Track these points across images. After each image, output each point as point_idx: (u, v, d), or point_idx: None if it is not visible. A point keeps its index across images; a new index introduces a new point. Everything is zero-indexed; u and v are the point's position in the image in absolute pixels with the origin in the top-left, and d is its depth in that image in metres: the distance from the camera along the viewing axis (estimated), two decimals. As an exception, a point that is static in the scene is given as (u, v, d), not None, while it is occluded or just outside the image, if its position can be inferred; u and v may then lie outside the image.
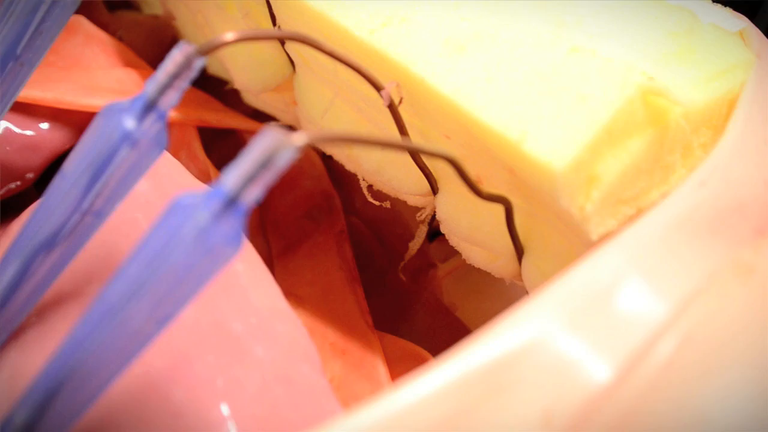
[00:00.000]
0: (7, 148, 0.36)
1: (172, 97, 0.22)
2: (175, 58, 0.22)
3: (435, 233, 0.38)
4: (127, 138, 0.22)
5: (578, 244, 0.26)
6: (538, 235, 0.28)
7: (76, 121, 0.37)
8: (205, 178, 0.37)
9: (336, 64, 0.30)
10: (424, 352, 0.31)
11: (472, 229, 0.30)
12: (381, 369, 0.30)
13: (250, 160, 0.18)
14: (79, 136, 0.37)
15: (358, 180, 0.38)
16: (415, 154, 0.29)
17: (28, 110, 0.36)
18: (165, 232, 0.19)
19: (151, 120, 0.22)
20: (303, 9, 0.29)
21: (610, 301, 0.20)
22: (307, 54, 0.32)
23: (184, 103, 0.38)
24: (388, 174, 0.32)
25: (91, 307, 0.20)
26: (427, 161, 0.29)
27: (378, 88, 0.26)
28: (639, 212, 0.26)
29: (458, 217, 0.30)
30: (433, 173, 0.30)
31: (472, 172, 0.28)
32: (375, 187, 0.33)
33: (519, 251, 0.29)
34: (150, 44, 0.42)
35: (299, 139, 0.19)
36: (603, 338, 0.19)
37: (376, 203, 0.33)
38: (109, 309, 0.19)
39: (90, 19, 0.41)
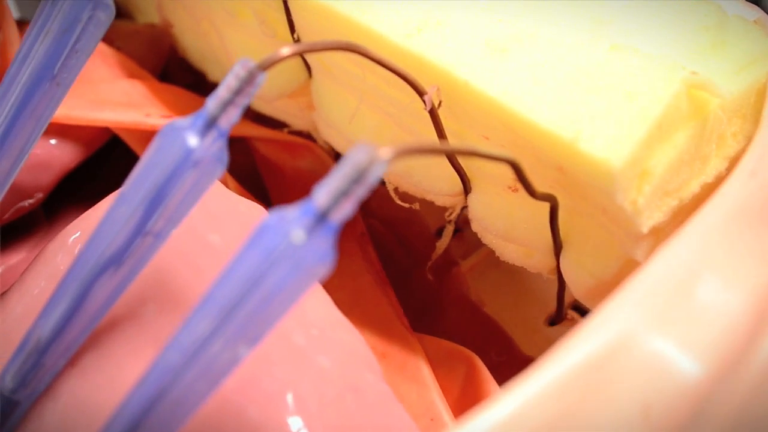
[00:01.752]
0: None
1: (233, 114, 0.22)
2: (237, 73, 0.22)
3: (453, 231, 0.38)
4: (191, 157, 0.22)
5: (622, 237, 0.27)
6: (579, 230, 0.28)
7: (84, 137, 0.37)
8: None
9: (365, 71, 0.30)
10: (467, 351, 0.31)
11: (508, 227, 0.30)
12: (425, 370, 0.30)
13: (341, 175, 0.18)
14: (88, 152, 0.37)
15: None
16: (452, 157, 0.29)
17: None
18: (258, 251, 0.18)
19: (211, 138, 0.22)
20: (330, 14, 0.29)
21: (689, 296, 0.20)
22: (328, 60, 0.32)
23: (187, 111, 0.38)
24: (418, 176, 0.32)
25: (179, 332, 0.19)
26: (462, 162, 0.30)
27: (421, 93, 0.26)
28: (680, 203, 0.26)
29: (494, 215, 0.30)
30: (467, 173, 0.30)
31: (508, 172, 0.29)
32: (401, 189, 0.33)
33: (558, 246, 0.29)
34: (149, 53, 0.41)
35: (387, 153, 0.19)
36: (689, 332, 0.19)
37: (405, 205, 0.33)
38: (199, 333, 0.19)
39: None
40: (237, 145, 0.40)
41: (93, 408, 0.24)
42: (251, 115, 0.40)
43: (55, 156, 0.36)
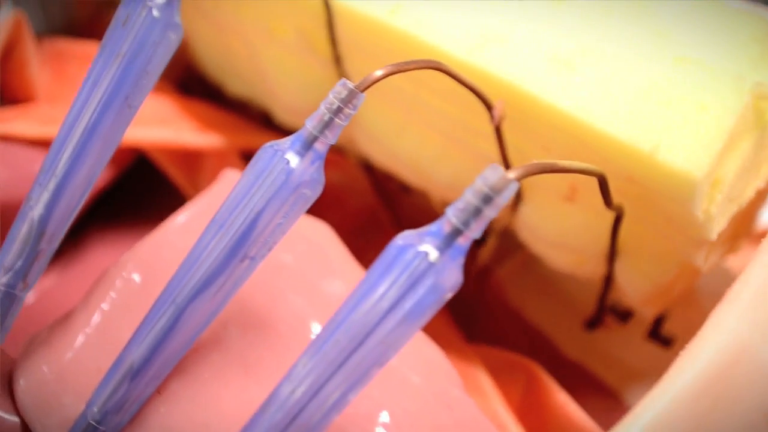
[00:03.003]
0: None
1: (332, 135, 0.22)
2: (338, 93, 0.22)
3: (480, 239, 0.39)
4: (291, 179, 0.22)
5: (683, 244, 0.27)
6: (637, 237, 0.29)
7: (113, 157, 0.36)
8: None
9: (418, 86, 0.30)
10: (526, 360, 0.31)
11: (562, 235, 0.30)
12: (485, 380, 0.30)
13: (474, 197, 0.19)
14: (117, 172, 0.36)
15: (401, 193, 0.39)
16: (508, 166, 0.29)
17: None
18: (394, 272, 0.19)
19: (309, 159, 0.22)
20: (386, 30, 0.29)
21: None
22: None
23: (224, 129, 0.37)
24: (465, 188, 0.32)
25: (311, 356, 0.19)
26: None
27: (489, 107, 0.27)
28: (739, 208, 0.27)
29: (547, 224, 0.31)
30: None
31: (565, 183, 0.29)
32: (448, 201, 0.33)
33: (613, 254, 0.30)
34: (168, 68, 0.40)
35: (517, 173, 0.19)
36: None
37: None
38: (333, 357, 0.19)
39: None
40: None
41: (183, 436, 0.24)
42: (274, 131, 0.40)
43: (86, 176, 0.35)
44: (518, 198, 0.31)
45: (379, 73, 0.23)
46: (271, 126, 0.40)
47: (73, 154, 0.25)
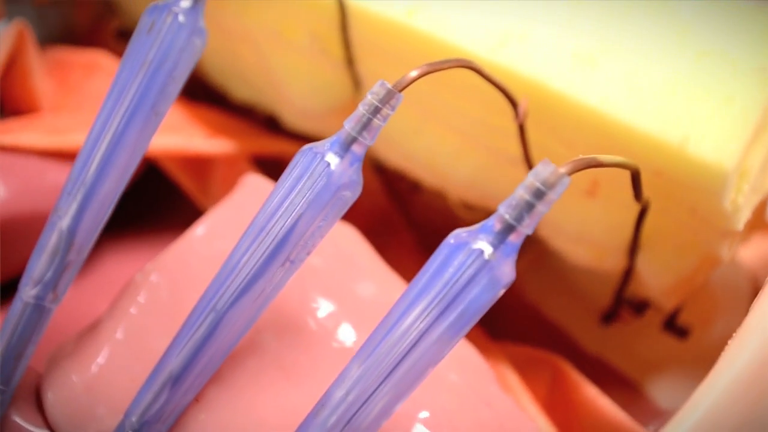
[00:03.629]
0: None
1: (369, 136, 0.22)
2: (377, 93, 0.22)
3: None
4: (333, 181, 0.22)
5: (707, 235, 0.28)
6: (658, 230, 0.29)
7: (123, 164, 0.35)
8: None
9: (436, 86, 0.30)
10: (551, 355, 0.32)
11: (583, 230, 0.31)
12: (512, 377, 0.30)
13: (525, 192, 0.19)
14: (129, 180, 0.35)
15: (412, 193, 0.39)
16: (531, 164, 0.29)
17: (73, 159, 0.34)
18: (448, 274, 0.19)
19: (348, 160, 0.22)
20: (403, 31, 0.29)
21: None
22: (388, 73, 0.32)
23: (233, 134, 0.37)
24: (483, 187, 0.32)
25: (364, 358, 0.19)
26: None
27: (515, 105, 0.27)
28: (760, 198, 0.28)
29: (568, 219, 0.31)
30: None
31: (587, 178, 0.29)
32: (466, 201, 0.33)
33: (635, 247, 0.30)
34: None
35: (568, 168, 0.19)
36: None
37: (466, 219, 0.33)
38: (388, 358, 0.19)
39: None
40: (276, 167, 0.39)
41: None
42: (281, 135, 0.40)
43: (97, 186, 0.34)
44: (537, 195, 0.31)
45: (414, 73, 0.23)
46: (279, 130, 0.39)
47: (101, 163, 0.24)
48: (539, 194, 0.19)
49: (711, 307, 0.36)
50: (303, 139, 0.39)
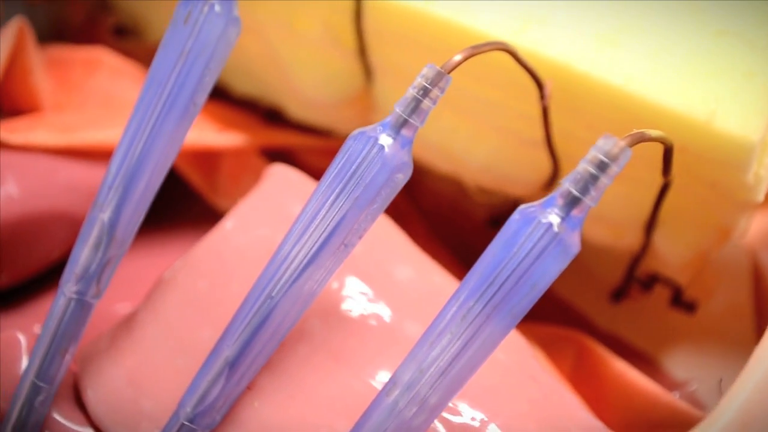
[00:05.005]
0: (76, 199, 0.33)
1: (419, 119, 0.22)
2: (426, 76, 0.22)
3: (495, 221, 0.39)
4: (387, 163, 0.22)
5: (726, 209, 0.29)
6: (676, 206, 0.30)
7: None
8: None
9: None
10: (574, 332, 0.32)
11: (601, 210, 0.31)
12: (538, 355, 0.31)
13: (589, 166, 0.19)
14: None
15: (418, 179, 0.39)
16: (552, 146, 0.30)
17: (87, 156, 0.34)
18: (519, 246, 0.19)
19: (400, 142, 0.22)
20: (423, 18, 0.30)
21: None
22: (403, 62, 0.32)
23: (243, 127, 0.37)
24: (499, 170, 0.33)
25: (442, 331, 0.20)
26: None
27: (541, 87, 0.27)
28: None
29: (586, 200, 0.31)
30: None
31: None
32: (481, 185, 0.34)
33: (652, 224, 0.31)
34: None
35: (629, 141, 0.20)
36: None
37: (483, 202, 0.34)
38: (463, 328, 0.19)
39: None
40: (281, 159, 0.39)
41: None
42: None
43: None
44: (555, 176, 0.32)
45: (458, 57, 0.23)
46: (281, 122, 0.39)
47: (141, 155, 0.24)
48: (603, 166, 0.19)
49: (713, 280, 0.38)
50: (310, 130, 0.39)
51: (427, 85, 0.22)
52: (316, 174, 0.37)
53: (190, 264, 0.27)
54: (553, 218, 0.19)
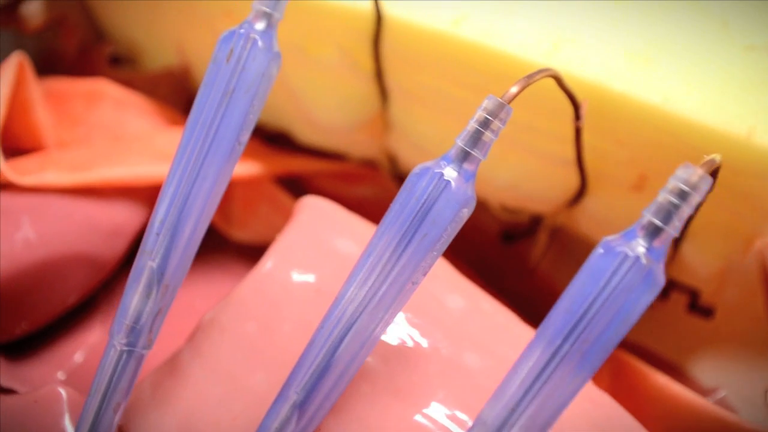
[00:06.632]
0: (94, 239, 0.32)
1: (481, 152, 0.22)
2: (486, 107, 0.22)
3: (509, 236, 0.39)
4: (455, 200, 0.21)
5: (756, 218, 0.29)
6: (709, 218, 0.30)
7: (147, 195, 0.34)
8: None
9: (473, 94, 0.31)
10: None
11: (629, 223, 0.31)
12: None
13: (670, 195, 0.19)
14: (151, 211, 0.34)
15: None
16: (582, 165, 0.30)
17: (102, 195, 0.33)
18: (611, 278, 0.19)
19: (464, 177, 0.22)
20: (449, 41, 0.30)
21: None
22: (423, 83, 0.32)
23: (256, 156, 0.36)
24: (524, 189, 0.33)
25: (544, 366, 0.19)
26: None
27: (577, 107, 0.27)
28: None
29: (615, 214, 0.32)
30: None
31: (634, 172, 0.30)
32: (505, 204, 0.34)
33: (681, 237, 0.31)
34: (175, 98, 0.39)
35: (705, 169, 0.20)
36: None
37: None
38: (554, 363, 0.19)
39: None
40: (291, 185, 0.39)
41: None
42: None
43: (126, 221, 0.33)
44: (581, 193, 0.32)
45: (514, 89, 0.23)
46: (286, 147, 0.39)
47: (187, 200, 0.24)
48: (684, 195, 0.19)
49: (727, 286, 0.38)
50: (318, 154, 0.38)
51: (488, 117, 0.22)
52: (333, 199, 0.36)
53: (235, 305, 0.26)
54: (640, 250, 0.19)
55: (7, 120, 0.34)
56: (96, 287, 0.33)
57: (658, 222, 0.19)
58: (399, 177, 0.38)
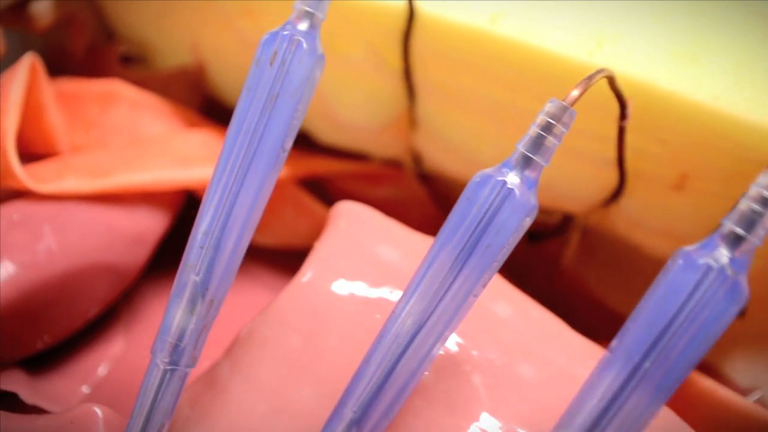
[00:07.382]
0: (117, 248, 0.31)
1: (544, 158, 0.21)
2: (549, 111, 0.21)
3: (534, 235, 0.39)
4: (519, 208, 0.21)
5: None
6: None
7: (168, 201, 0.33)
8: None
9: (512, 92, 0.30)
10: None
11: (667, 224, 0.31)
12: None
13: (751, 202, 0.18)
14: (173, 217, 0.33)
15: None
16: (623, 164, 0.29)
17: (124, 201, 0.31)
18: (693, 291, 0.18)
19: (527, 184, 0.21)
20: (486, 39, 0.29)
21: None
22: (453, 81, 0.31)
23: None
24: (560, 188, 0.32)
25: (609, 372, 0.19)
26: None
27: (624, 106, 0.27)
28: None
29: (652, 214, 0.31)
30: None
31: (675, 172, 0.30)
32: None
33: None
34: (191, 97, 0.38)
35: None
36: None
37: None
38: (629, 374, 0.19)
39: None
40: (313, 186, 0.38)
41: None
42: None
43: (148, 228, 0.32)
44: (619, 192, 0.31)
45: (575, 92, 0.22)
46: (309, 147, 0.38)
47: (231, 211, 0.23)
48: (764, 203, 0.18)
49: (751, 285, 0.38)
50: (340, 154, 0.37)
51: (551, 121, 0.21)
52: (354, 200, 0.35)
53: (276, 318, 0.25)
54: (724, 261, 0.18)
55: (21, 123, 0.33)
56: (118, 297, 0.32)
57: (740, 231, 0.18)
58: (423, 177, 0.37)
